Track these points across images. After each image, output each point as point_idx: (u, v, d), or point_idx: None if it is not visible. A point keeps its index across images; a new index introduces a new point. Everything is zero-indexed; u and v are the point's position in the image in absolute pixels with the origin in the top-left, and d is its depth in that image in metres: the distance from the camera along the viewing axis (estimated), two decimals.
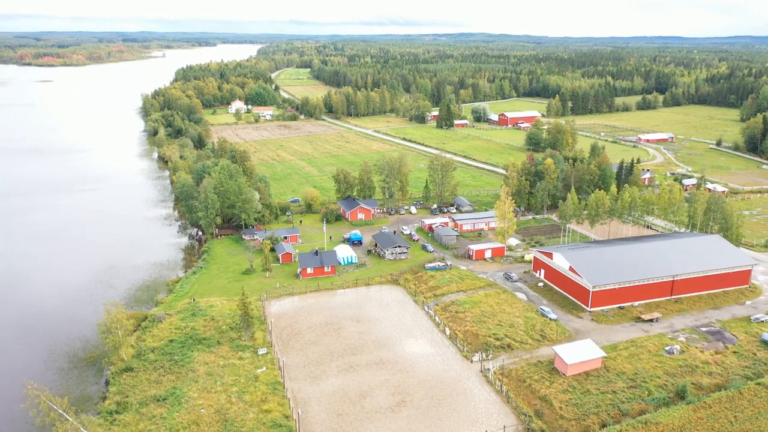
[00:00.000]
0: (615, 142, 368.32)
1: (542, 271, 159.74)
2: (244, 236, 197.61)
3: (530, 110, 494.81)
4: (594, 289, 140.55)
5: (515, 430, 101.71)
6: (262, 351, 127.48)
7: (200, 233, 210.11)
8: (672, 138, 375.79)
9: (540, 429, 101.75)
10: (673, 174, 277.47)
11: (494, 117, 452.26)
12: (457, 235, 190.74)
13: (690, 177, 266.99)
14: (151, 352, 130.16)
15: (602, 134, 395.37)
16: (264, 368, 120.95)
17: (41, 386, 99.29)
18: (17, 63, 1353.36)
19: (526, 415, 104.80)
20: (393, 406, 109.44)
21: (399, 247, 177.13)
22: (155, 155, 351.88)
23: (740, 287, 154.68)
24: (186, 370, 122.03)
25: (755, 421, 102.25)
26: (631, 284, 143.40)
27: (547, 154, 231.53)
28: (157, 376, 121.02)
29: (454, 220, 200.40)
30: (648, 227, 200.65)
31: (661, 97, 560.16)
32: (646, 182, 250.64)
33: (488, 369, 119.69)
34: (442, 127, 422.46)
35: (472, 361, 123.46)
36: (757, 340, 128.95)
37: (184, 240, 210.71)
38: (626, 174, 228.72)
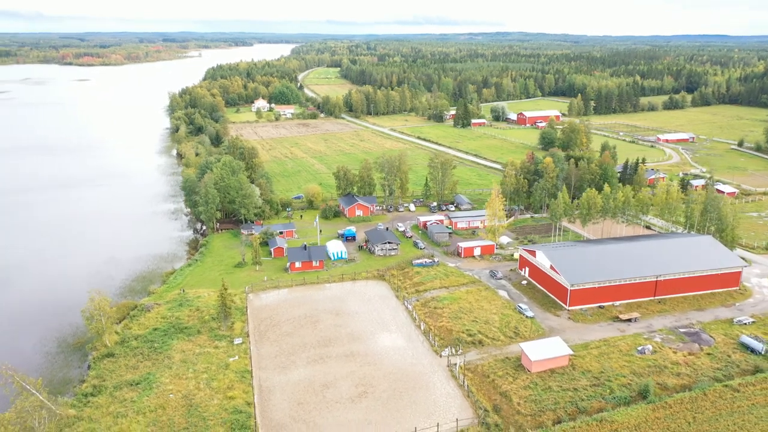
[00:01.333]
0: (632, 142, 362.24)
1: (527, 269, 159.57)
2: (242, 231, 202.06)
3: (551, 109, 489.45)
4: (572, 288, 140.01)
5: (470, 423, 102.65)
6: (237, 341, 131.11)
7: (204, 227, 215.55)
8: (693, 138, 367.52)
9: (494, 423, 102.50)
10: (686, 174, 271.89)
11: (513, 116, 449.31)
12: (449, 233, 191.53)
13: (702, 178, 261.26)
14: (135, 339, 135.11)
15: (621, 134, 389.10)
16: (236, 357, 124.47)
17: (14, 367, 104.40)
18: (59, 63, 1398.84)
19: (483, 410, 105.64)
20: (354, 396, 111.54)
21: (389, 243, 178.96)
22: (174, 152, 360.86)
23: (730, 289, 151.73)
24: (163, 356, 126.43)
25: (714, 423, 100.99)
26: (612, 284, 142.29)
27: (549, 153, 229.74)
28: (135, 362, 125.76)
29: (449, 218, 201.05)
30: (647, 227, 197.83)
31: (689, 97, 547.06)
32: (655, 182, 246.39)
33: (455, 364, 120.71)
34: (459, 126, 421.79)
35: (441, 356, 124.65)
36: (735, 342, 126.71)
37: (189, 234, 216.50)
38: (630, 174, 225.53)
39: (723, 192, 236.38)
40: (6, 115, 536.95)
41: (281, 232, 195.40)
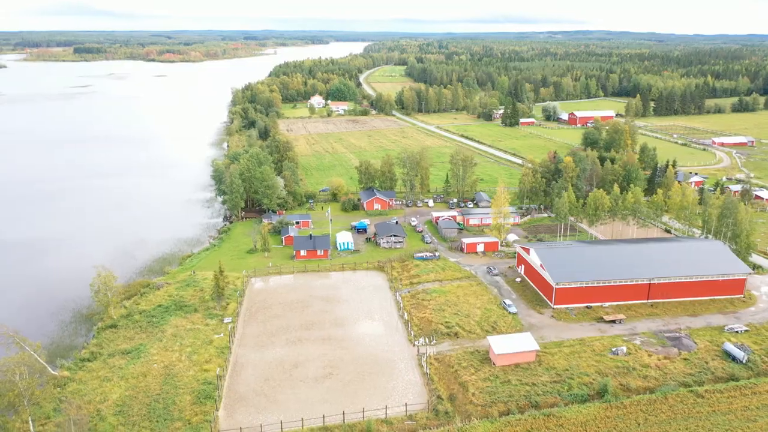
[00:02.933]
0: (684, 145, 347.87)
1: (522, 266, 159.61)
2: (263, 219, 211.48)
3: (608, 110, 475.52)
4: (557, 286, 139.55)
5: (421, 409, 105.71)
6: (227, 320, 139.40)
7: (233, 215, 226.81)
8: (752, 142, 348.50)
9: (445, 411, 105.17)
10: (728, 179, 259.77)
11: (564, 116, 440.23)
12: (458, 229, 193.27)
13: (745, 183, 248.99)
14: (139, 314, 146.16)
15: (675, 136, 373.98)
16: (222, 334, 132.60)
17: (15, 329, 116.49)
18: (144, 59, 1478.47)
19: (437, 397, 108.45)
20: (319, 377, 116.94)
21: (394, 236, 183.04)
22: (225, 145, 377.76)
23: (733, 296, 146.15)
24: (158, 330, 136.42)
25: (664, 426, 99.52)
26: (600, 284, 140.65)
27: (571, 152, 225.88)
28: (133, 333, 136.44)
29: (462, 215, 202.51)
30: (667, 231, 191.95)
31: (762, 99, 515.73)
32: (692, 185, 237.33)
33: (424, 353, 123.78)
34: (506, 125, 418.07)
35: (414, 345, 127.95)
36: (719, 349, 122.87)
37: (218, 221, 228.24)
38: (659, 176, 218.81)
39: (762, 198, 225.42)
40: (83, 107, 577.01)
41: (297, 222, 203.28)
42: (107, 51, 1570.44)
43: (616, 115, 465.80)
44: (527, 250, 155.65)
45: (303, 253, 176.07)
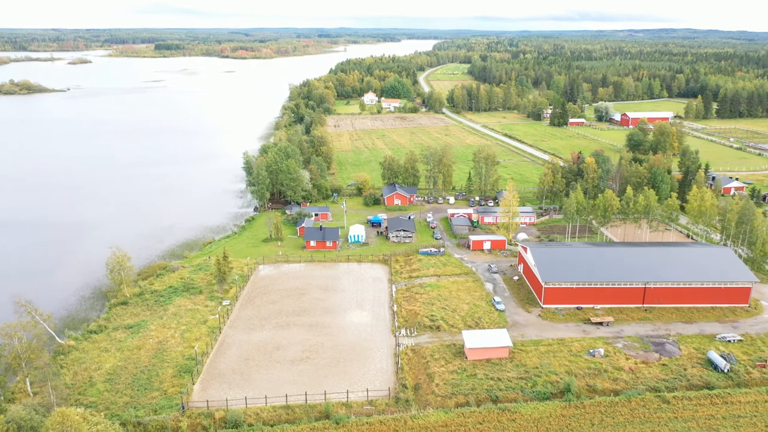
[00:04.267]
0: (740, 149, 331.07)
1: (522, 265, 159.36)
2: (287, 211, 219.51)
3: (667, 111, 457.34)
4: (546, 286, 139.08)
5: (382, 396, 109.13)
6: (225, 302, 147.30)
7: (260, 205, 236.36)
8: None
9: (405, 399, 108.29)
10: None
11: (617, 117, 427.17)
12: (470, 227, 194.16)
13: None
14: (150, 293, 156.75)
15: (732, 139, 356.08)
16: (216, 316, 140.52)
17: (29, 300, 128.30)
18: (219, 55, 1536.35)
19: (402, 386, 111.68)
20: (296, 360, 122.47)
21: (404, 230, 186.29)
22: (272, 139, 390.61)
23: (736, 305, 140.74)
24: (162, 309, 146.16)
25: (618, 427, 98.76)
26: (591, 286, 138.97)
27: (594, 153, 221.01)
28: (140, 311, 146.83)
29: (477, 212, 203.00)
30: (689, 237, 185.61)
31: None
32: (732, 191, 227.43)
33: (401, 344, 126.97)
34: (553, 125, 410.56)
35: (395, 336, 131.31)
36: (703, 357, 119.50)
37: (248, 210, 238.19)
38: (690, 179, 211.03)
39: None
40: (151, 101, 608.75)
41: (316, 214, 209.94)
42: (185, 48, 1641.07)
43: (675, 116, 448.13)
44: (526, 249, 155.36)
45: (313, 243, 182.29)
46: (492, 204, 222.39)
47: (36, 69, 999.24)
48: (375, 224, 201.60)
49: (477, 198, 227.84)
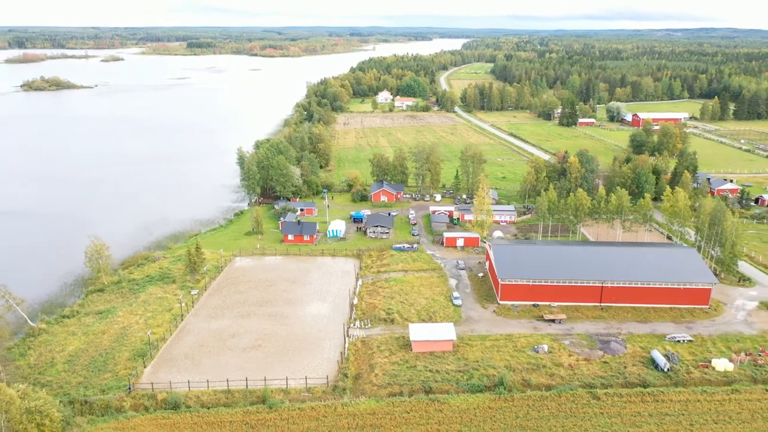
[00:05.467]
0: (748, 151, 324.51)
1: (488, 262, 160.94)
2: (275, 206, 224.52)
3: (682, 112, 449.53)
4: (502, 282, 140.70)
5: (320, 384, 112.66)
6: (194, 292, 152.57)
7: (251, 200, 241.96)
8: None
9: (343, 387, 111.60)
10: None
11: (629, 117, 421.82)
12: (448, 224, 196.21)
13: None
14: (128, 282, 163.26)
15: (742, 141, 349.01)
16: (183, 304, 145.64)
17: (4, 285, 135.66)
18: (248, 53, 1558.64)
19: (344, 375, 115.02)
20: (248, 347, 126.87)
21: (380, 226, 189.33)
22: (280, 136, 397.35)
23: (695, 306, 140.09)
24: (134, 296, 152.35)
25: (542, 421, 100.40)
26: (548, 283, 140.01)
27: (578, 153, 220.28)
28: (113, 298, 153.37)
29: (458, 210, 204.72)
30: (669, 238, 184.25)
31: None
32: (723, 194, 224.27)
33: (353, 335, 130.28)
34: (563, 125, 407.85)
35: (349, 327, 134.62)
36: (647, 356, 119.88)
37: (242, 205, 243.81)
38: (677, 180, 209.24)
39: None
40: (172, 98, 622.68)
41: (302, 209, 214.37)
42: (216, 46, 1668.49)
43: (690, 117, 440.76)
44: (491, 247, 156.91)
45: (291, 237, 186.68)
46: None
47: (70, 66, 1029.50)
48: (357, 220, 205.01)
49: (464, 196, 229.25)
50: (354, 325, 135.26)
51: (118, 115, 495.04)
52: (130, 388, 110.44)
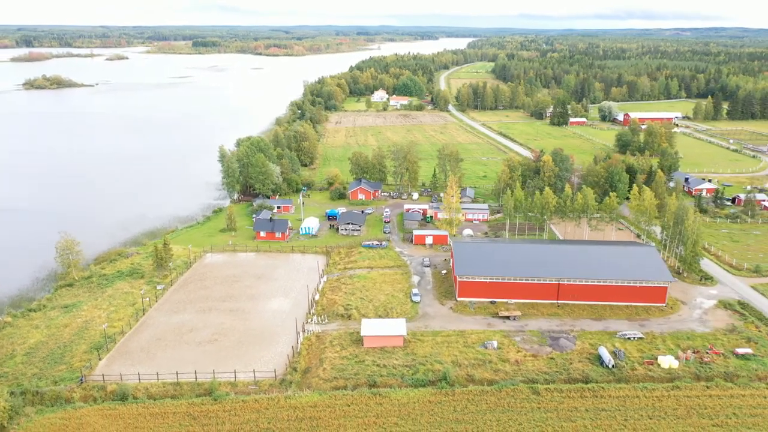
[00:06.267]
0: (736, 151, 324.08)
1: (452, 260, 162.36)
2: (253, 203, 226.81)
3: (675, 112, 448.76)
4: (460, 279, 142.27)
5: (268, 377, 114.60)
6: (160, 287, 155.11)
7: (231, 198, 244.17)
8: None
9: (290, 381, 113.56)
10: (755, 188, 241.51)
11: (621, 116, 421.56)
12: (420, 222, 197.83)
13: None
14: (99, 277, 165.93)
15: (731, 141, 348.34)
16: (147, 299, 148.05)
17: None
18: (252, 52, 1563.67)
19: (293, 369, 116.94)
20: (204, 341, 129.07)
21: (352, 224, 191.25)
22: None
23: (652, 304, 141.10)
24: (101, 291, 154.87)
25: (479, 414, 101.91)
26: (504, 281, 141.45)
27: (552, 152, 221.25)
28: (81, 292, 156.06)
29: (431, 208, 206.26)
30: (638, 236, 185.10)
31: None
32: (698, 193, 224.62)
33: (309, 330, 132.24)
34: (554, 125, 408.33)
35: (306, 323, 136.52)
36: (594, 353, 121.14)
37: (223, 202, 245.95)
38: (651, 179, 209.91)
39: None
40: (170, 97, 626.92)
41: (279, 207, 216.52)
42: (220, 45, 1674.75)
43: (683, 117, 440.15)
44: (452, 244, 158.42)
45: (263, 234, 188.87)
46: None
47: (74, 65, 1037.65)
48: (331, 218, 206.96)
49: (441, 195, 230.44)
50: (311, 320, 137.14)
51: (114, 112, 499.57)
52: (82, 380, 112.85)
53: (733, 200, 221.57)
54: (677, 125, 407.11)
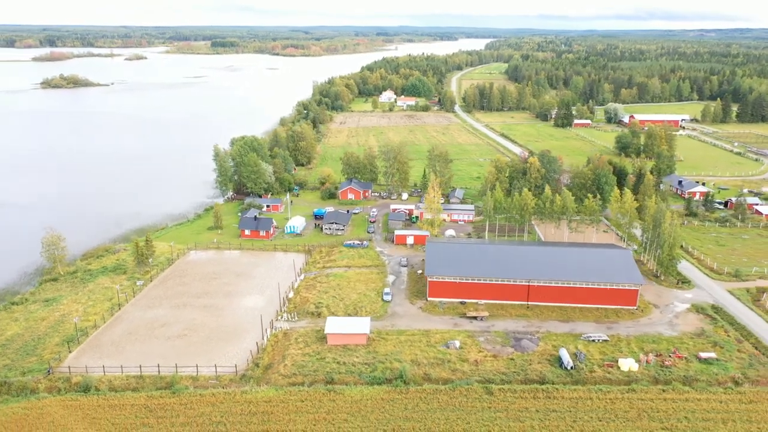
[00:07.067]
0: (739, 154, 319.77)
1: None
2: (245, 201, 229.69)
3: (684, 114, 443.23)
4: (430, 279, 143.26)
5: (229, 372, 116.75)
6: (140, 283, 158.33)
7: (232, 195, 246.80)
8: None
9: (251, 377, 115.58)
10: (751, 192, 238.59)
11: (626, 118, 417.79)
12: (404, 222, 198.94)
13: (763, 196, 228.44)
14: (84, 272, 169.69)
15: (736, 144, 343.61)
16: (125, 294, 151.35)
17: None
18: (270, 53, 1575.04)
19: (256, 365, 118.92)
20: (174, 336, 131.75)
21: (336, 223, 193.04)
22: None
23: (623, 307, 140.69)
24: (82, 286, 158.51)
25: (429, 413, 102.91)
26: (474, 281, 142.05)
27: (540, 154, 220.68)
28: (63, 287, 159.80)
29: (419, 208, 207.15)
30: (623, 238, 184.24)
31: None
32: (687, 195, 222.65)
33: (277, 327, 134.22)
34: (558, 126, 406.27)
35: (276, 320, 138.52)
36: (555, 354, 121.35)
37: (216, 201, 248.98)
38: (640, 182, 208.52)
39: (762, 213, 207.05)
40: (183, 97, 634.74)
41: (268, 206, 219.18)
42: (239, 45, 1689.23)
43: (692, 120, 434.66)
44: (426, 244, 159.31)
45: (247, 232, 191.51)
46: (443, 201, 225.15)
47: (93, 64, 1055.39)
48: (318, 217, 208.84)
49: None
50: (281, 317, 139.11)
51: (124, 112, 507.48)
52: (49, 371, 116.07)
53: (726, 204, 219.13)
54: (683, 127, 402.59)
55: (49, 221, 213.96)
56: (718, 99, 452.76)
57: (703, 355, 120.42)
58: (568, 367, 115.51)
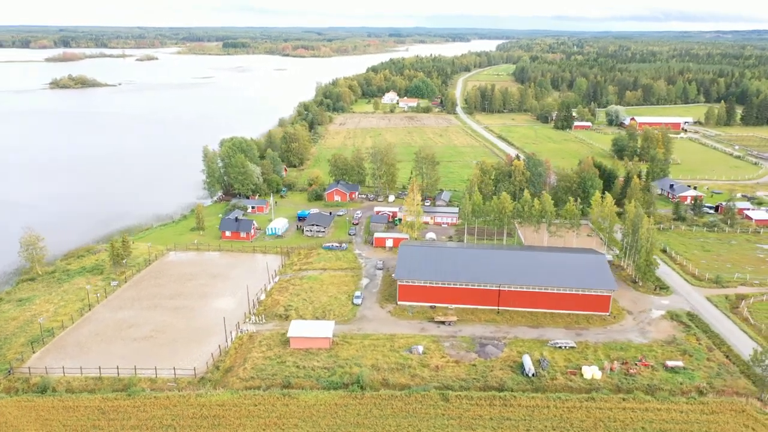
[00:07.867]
0: (738, 157, 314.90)
1: None
2: (230, 202, 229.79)
3: (687, 117, 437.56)
4: (400, 283, 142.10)
5: (188, 375, 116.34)
6: (114, 283, 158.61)
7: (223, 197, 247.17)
8: None
9: (210, 379, 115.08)
10: (744, 196, 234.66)
11: (628, 121, 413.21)
12: (386, 224, 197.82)
13: (755, 201, 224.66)
14: (62, 272, 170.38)
15: (737, 147, 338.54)
16: (97, 294, 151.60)
17: None
18: (280, 53, 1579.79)
19: (216, 368, 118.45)
20: (141, 338, 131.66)
21: (316, 225, 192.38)
22: None
23: (595, 313, 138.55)
24: (58, 286, 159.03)
25: (381, 419, 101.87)
26: (444, 285, 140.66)
27: (527, 157, 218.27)
28: (39, 287, 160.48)
29: (401, 211, 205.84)
30: (602, 244, 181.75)
31: None
32: (682, 200, 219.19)
33: (244, 330, 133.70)
34: (558, 128, 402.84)
35: (244, 322, 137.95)
36: (519, 361, 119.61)
37: (204, 202, 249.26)
38: (627, 186, 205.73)
39: (752, 218, 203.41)
40: (188, 97, 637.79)
41: (253, 207, 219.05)
42: (250, 46, 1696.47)
43: (695, 122, 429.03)
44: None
45: (228, 234, 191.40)
46: (429, 203, 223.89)
47: (104, 65, 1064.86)
48: (301, 219, 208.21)
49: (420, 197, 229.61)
50: (249, 320, 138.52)
51: (128, 112, 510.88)
52: (10, 371, 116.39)
53: (717, 208, 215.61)
54: (685, 130, 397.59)
55: (37, 221, 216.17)
56: (722, 101, 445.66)
57: (670, 363, 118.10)
58: (530, 374, 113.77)
